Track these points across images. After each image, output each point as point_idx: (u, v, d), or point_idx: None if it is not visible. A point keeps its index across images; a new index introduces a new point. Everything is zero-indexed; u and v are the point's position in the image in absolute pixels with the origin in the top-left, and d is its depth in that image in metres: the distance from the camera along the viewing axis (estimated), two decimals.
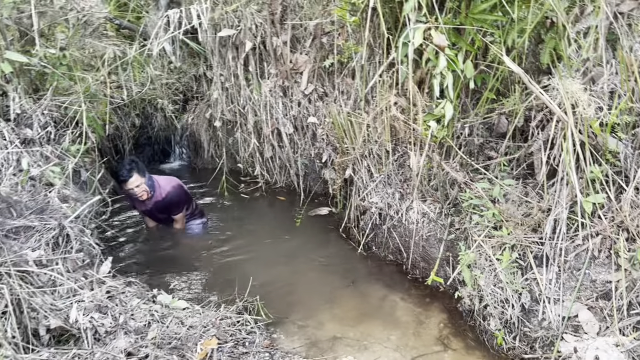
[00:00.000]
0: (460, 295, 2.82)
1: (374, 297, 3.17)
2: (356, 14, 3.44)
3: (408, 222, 3.30)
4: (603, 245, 2.50)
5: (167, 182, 3.89)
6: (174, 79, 6.11)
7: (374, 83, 3.46)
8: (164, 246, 3.93)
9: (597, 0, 2.60)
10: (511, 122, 3.08)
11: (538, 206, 2.77)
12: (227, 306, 2.87)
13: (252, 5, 4.70)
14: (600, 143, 2.64)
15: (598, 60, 2.69)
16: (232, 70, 4.98)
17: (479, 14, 2.96)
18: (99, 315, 2.52)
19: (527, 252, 2.65)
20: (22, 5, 3.81)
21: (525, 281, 2.59)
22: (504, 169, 3.10)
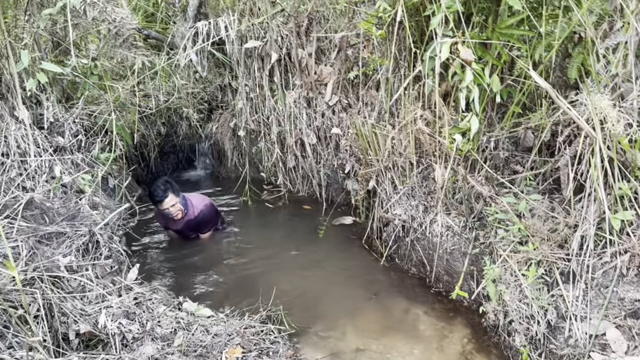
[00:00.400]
0: (484, 310, 2.80)
1: (397, 309, 3.17)
2: (382, 27, 3.46)
3: (432, 235, 3.30)
4: (632, 263, 2.47)
5: (200, 201, 4.04)
6: (199, 88, 6.21)
7: (399, 95, 3.48)
8: (189, 253, 3.99)
9: (626, 16, 2.58)
10: (537, 136, 3.07)
11: (565, 222, 2.75)
12: (251, 315, 2.90)
13: (279, 18, 4.77)
14: (629, 159, 2.61)
15: (627, 76, 2.67)
16: (258, 80, 5.05)
17: (506, 29, 2.96)
18: (127, 322, 2.57)
19: (554, 268, 2.62)
20: (57, 17, 3.93)
21: (551, 297, 2.57)
22: (530, 183, 3.08)
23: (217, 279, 3.59)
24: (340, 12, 4.51)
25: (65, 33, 3.96)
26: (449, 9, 2.85)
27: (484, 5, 3.13)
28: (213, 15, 5.53)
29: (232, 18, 4.76)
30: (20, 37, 3.52)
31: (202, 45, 4.91)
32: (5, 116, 3.34)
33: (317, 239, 4.21)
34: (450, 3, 2.83)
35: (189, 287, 3.42)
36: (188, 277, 3.57)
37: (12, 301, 2.33)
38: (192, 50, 5.32)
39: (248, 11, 4.90)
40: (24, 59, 3.19)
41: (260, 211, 5.00)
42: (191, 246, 4.08)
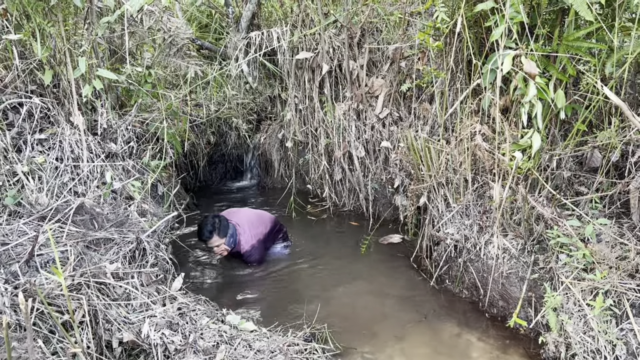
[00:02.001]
0: (544, 341, 2.61)
1: (448, 334, 3.00)
2: (439, 38, 3.35)
3: (487, 256, 3.13)
4: None
5: (249, 239, 3.87)
6: (249, 99, 6.25)
7: (454, 109, 3.34)
8: (234, 265, 3.95)
9: None
10: (605, 156, 2.87)
11: (636, 249, 2.53)
12: (295, 332, 2.81)
13: (331, 29, 4.72)
14: None
15: None
16: (307, 92, 5.01)
17: (573, 41, 2.79)
18: (170, 332, 2.52)
19: (623, 299, 2.41)
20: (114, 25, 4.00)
21: (620, 331, 2.36)
22: (596, 206, 2.88)
23: (260, 292, 3.52)
24: (395, 24, 4.41)
25: (122, 41, 4.03)
26: (512, 20, 2.71)
27: (550, 17, 2.98)
28: (265, 26, 5.55)
29: (285, 29, 4.75)
30: (79, 45, 3.60)
31: (254, 56, 4.92)
32: (62, 121, 3.40)
33: (363, 255, 4.09)
34: (514, 14, 2.70)
35: (233, 300, 3.37)
36: (232, 289, 3.52)
37: (59, 306, 2.33)
38: (243, 60, 5.35)
39: (300, 22, 4.88)
40: (82, 65, 3.25)
41: (304, 224, 4.93)
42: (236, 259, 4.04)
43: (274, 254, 4.16)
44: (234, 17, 5.81)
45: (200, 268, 3.91)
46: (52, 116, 3.41)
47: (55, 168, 3.20)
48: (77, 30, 3.75)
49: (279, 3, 5.66)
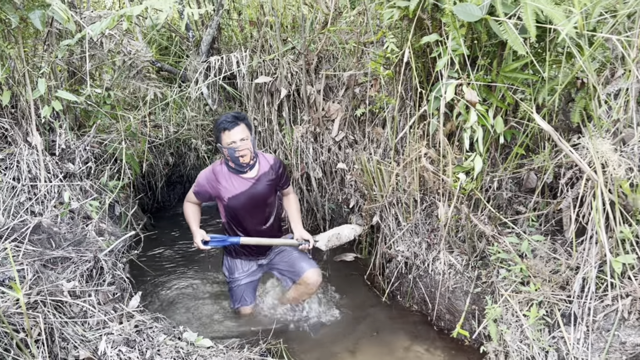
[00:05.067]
0: (485, 350, 2.78)
1: (398, 347, 3.15)
2: (390, 67, 3.56)
3: (434, 272, 3.31)
4: (633, 307, 2.46)
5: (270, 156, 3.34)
6: (208, 120, 6.33)
7: (404, 133, 3.54)
8: (192, 284, 3.99)
9: (627, 64, 2.66)
10: (540, 178, 3.11)
11: (566, 263, 2.76)
12: (251, 347, 2.89)
13: (289, 55, 4.90)
14: (630, 203, 2.63)
15: (628, 122, 2.73)
16: (267, 115, 5.15)
17: (510, 72, 3.04)
18: (127, 349, 2.56)
19: (555, 310, 2.62)
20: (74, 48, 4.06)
21: (552, 339, 2.56)
22: (533, 224, 3.10)
23: (218, 310, 3.59)
24: (349, 52, 4.63)
25: (82, 63, 4.08)
26: (455, 52, 2.94)
27: (489, 49, 3.23)
28: (225, 50, 5.69)
29: (244, 54, 4.90)
30: (38, 66, 3.64)
31: (214, 79, 5.03)
32: (19, 141, 3.42)
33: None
34: (456, 46, 2.93)
35: (191, 317, 3.43)
36: (190, 307, 3.58)
37: (15, 324, 2.35)
38: (203, 83, 5.45)
39: (259, 48, 5.04)
40: (41, 87, 3.29)
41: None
42: (195, 276, 4.09)
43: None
44: (194, 41, 5.93)
45: (157, 287, 3.94)
46: (9, 136, 3.42)
47: (12, 187, 3.21)
48: (36, 52, 3.78)
49: (239, 28, 5.81)
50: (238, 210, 3.16)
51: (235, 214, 3.20)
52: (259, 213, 3.23)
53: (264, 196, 3.19)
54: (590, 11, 2.73)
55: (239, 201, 3.13)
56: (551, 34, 2.88)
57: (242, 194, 3.11)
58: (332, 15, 4.47)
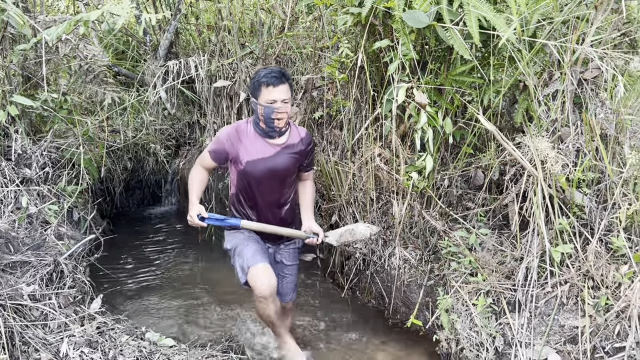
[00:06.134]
0: (438, 339, 2.94)
1: (356, 340, 3.27)
2: (345, 71, 3.69)
3: (390, 267, 3.45)
4: (571, 292, 2.66)
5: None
6: (167, 125, 6.33)
7: (360, 135, 3.68)
8: (154, 285, 4.01)
9: (563, 67, 2.87)
10: (487, 175, 3.29)
11: (511, 255, 2.95)
12: (213, 345, 2.95)
13: (247, 59, 4.98)
14: (567, 197, 2.84)
15: (565, 121, 2.94)
16: (226, 118, 5.20)
17: (457, 76, 3.22)
18: (89, 350, 2.59)
19: (501, 298, 2.80)
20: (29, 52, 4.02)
21: (499, 326, 2.73)
22: (481, 219, 3.28)
23: (181, 310, 3.63)
24: (306, 56, 4.74)
25: (37, 68, 4.05)
26: (405, 57, 3.09)
27: (438, 54, 3.40)
28: (183, 54, 5.71)
29: (203, 58, 4.94)
30: None
31: (172, 84, 5.06)
32: None
33: None
34: (406, 51, 3.08)
35: (153, 317, 3.46)
36: (152, 308, 3.60)
37: None
38: (161, 88, 5.46)
39: (218, 52, 5.10)
40: None
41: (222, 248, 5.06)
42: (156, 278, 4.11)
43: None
44: (152, 45, 5.92)
45: (119, 290, 3.94)
46: None
47: None
48: None
49: (197, 33, 5.85)
50: (253, 179, 2.77)
51: (249, 184, 2.81)
52: (275, 190, 2.86)
53: (285, 170, 2.82)
54: (529, 18, 2.93)
55: (257, 168, 2.74)
56: (495, 39, 3.07)
57: (263, 161, 2.75)
58: (289, 21, 4.57)
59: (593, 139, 2.80)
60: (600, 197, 2.80)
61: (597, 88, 2.91)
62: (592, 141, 2.82)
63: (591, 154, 2.81)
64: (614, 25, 2.89)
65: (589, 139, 2.82)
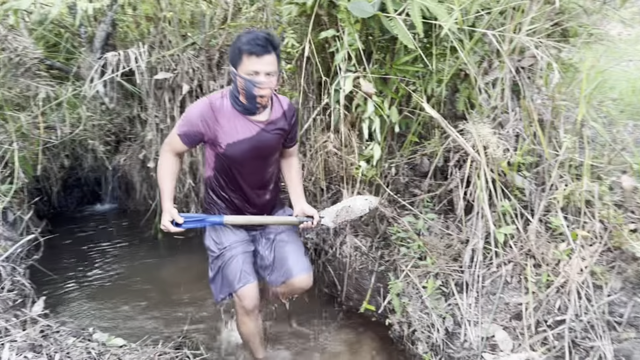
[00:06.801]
0: (390, 323, 3.00)
1: (310, 329, 3.30)
2: (291, 62, 3.68)
3: (342, 255, 3.48)
4: (514, 271, 2.79)
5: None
6: (106, 120, 6.09)
7: (309, 126, 3.68)
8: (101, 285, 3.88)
9: (501, 56, 2.98)
10: (432, 162, 3.38)
11: (458, 238, 3.05)
12: (165, 343, 2.89)
13: (189, 51, 4.86)
14: (509, 180, 2.97)
15: (505, 108, 3.06)
16: (169, 111, 5.07)
17: (401, 65, 3.28)
18: (33, 355, 2.47)
19: (449, 280, 2.89)
20: None
21: (448, 306, 2.83)
22: (427, 204, 3.37)
23: (129, 309, 3.53)
24: None
25: None
26: (351, 47, 3.12)
27: (382, 44, 3.45)
28: (122, 46, 5.50)
29: (142, 50, 4.79)
30: None
31: (111, 76, 4.87)
32: None
33: None
34: (352, 41, 3.11)
35: (100, 318, 3.35)
36: (98, 308, 3.48)
37: None
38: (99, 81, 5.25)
39: (158, 43, 4.96)
40: None
41: (170, 243, 4.95)
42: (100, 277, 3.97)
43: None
44: (87, 37, 5.68)
45: (62, 291, 3.78)
46: None
47: None
48: None
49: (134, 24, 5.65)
50: (236, 162, 2.48)
51: (229, 168, 2.52)
52: (260, 170, 2.59)
53: (270, 148, 2.56)
54: (469, 8, 3.03)
55: (239, 150, 2.44)
56: (436, 29, 3.15)
57: (246, 141, 2.43)
58: (232, 11, 4.50)
59: (531, 124, 2.94)
60: (539, 180, 2.94)
61: (533, 76, 3.05)
62: (530, 126, 2.96)
63: (529, 138, 2.94)
64: (547, 16, 3.03)
65: (527, 124, 2.96)
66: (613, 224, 2.54)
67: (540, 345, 2.47)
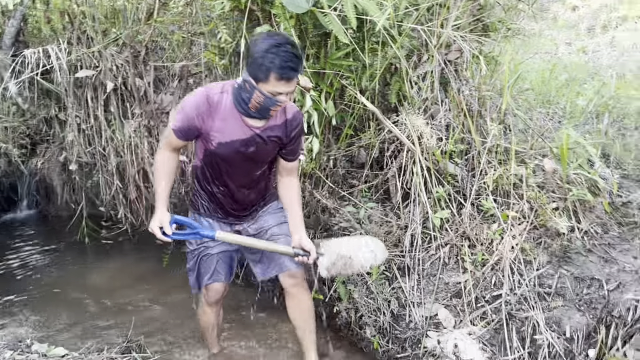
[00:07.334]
0: (338, 310, 3.09)
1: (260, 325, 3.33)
2: (225, 57, 3.66)
3: None
4: (451, 252, 2.97)
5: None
6: (19, 121, 5.71)
7: None
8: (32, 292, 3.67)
9: (430, 49, 3.14)
10: (369, 153, 3.50)
11: (397, 224, 3.19)
12: (110, 348, 2.80)
13: (112, 47, 4.68)
14: (442, 168, 3.15)
15: (435, 99, 3.23)
16: (92, 110, 4.85)
17: (335, 60, 3.36)
18: None
19: (392, 265, 3.02)
20: None
21: (392, 290, 2.96)
22: (366, 194, 3.49)
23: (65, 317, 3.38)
24: (178, 43, 4.60)
25: None
26: None
27: (315, 40, 3.51)
28: (36, 43, 5.19)
29: (61, 46, 4.55)
30: None
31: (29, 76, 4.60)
32: None
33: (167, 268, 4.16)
34: None
35: (38, 328, 3.18)
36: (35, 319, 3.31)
37: None
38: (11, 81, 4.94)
39: (76, 40, 4.73)
40: None
41: (99, 249, 4.77)
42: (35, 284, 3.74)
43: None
44: None
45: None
46: None
47: None
48: None
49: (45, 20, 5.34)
50: (225, 160, 2.39)
51: (217, 164, 2.42)
52: (249, 172, 2.48)
53: (262, 154, 2.44)
54: (399, 4, 3.16)
55: (231, 150, 2.34)
56: (367, 24, 3.25)
57: (238, 142, 2.33)
58: (157, 6, 4.38)
59: (460, 114, 3.13)
60: (470, 166, 3.14)
61: (460, 68, 3.24)
62: (459, 116, 3.15)
63: (459, 127, 3.13)
64: (469, 12, 3.23)
65: (456, 114, 3.15)
66: (538, 204, 2.77)
67: (480, 320, 2.65)
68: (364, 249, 2.52)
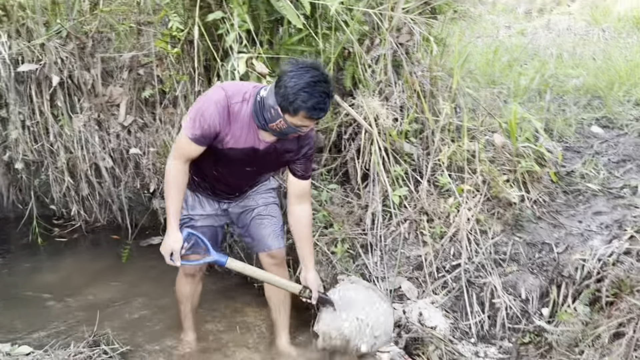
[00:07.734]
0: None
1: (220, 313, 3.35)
2: (177, 45, 3.62)
3: None
4: (411, 228, 3.09)
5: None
6: None
7: None
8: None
9: (383, 33, 3.23)
10: (327, 137, 3.57)
11: (358, 204, 3.28)
12: (77, 343, 2.76)
13: (56, 40, 4.53)
14: (398, 147, 3.26)
15: (389, 81, 3.33)
16: (37, 106, 4.69)
17: (290, 46, 3.40)
18: None
19: (355, 243, 3.12)
20: None
21: (357, 267, 3.05)
22: (326, 177, 3.56)
23: (28, 318, 3.27)
24: (126, 33, 4.50)
25: None
26: (240, 28, 3.17)
27: (267, 25, 3.54)
28: None
29: (4, 40, 4.37)
30: None
31: None
32: None
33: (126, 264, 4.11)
34: (241, 22, 3.16)
35: (2, 327, 3.08)
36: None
37: None
38: None
39: (15, 32, 4.55)
40: None
41: (53, 248, 4.63)
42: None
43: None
44: None
45: None
46: None
47: None
48: None
49: None
50: (230, 161, 2.36)
51: (220, 159, 2.38)
52: (251, 175, 2.53)
53: (267, 167, 2.51)
54: None
55: (240, 154, 2.31)
56: (319, 9, 3.30)
57: (248, 150, 2.31)
58: None
59: (413, 95, 3.24)
60: (424, 144, 3.27)
61: (411, 50, 3.35)
62: (412, 98, 3.26)
63: (413, 108, 3.25)
64: None
65: (410, 95, 3.26)
66: (490, 176, 2.93)
67: (442, 289, 2.79)
68: (381, 308, 2.40)
